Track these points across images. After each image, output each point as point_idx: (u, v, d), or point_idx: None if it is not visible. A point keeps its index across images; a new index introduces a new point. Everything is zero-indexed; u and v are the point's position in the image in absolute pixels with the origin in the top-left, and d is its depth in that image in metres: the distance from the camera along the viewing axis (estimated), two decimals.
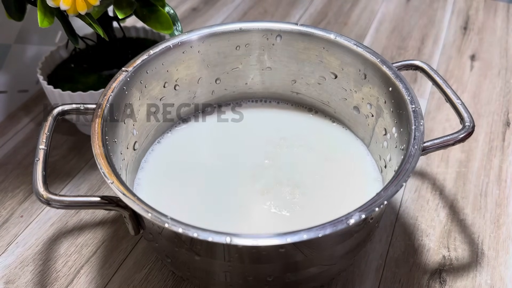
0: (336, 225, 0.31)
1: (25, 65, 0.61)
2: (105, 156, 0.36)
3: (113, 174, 0.34)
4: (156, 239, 0.37)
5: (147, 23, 0.47)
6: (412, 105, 0.39)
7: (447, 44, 0.72)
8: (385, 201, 0.32)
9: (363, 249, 0.42)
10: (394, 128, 0.41)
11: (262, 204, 0.43)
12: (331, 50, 0.46)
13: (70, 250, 0.46)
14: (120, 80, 0.42)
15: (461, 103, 0.40)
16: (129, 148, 0.43)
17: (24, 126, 0.59)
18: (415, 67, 0.45)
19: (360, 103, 0.46)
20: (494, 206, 0.49)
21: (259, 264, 0.35)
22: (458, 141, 0.38)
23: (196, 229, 0.31)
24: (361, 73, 0.45)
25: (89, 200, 0.35)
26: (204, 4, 0.82)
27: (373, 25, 0.76)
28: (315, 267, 0.36)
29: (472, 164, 0.54)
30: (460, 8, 0.80)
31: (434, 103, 0.62)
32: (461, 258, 0.45)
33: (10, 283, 0.44)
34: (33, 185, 0.34)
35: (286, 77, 0.50)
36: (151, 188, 0.44)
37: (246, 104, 0.52)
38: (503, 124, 0.59)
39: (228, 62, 0.49)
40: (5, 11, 0.47)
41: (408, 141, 0.37)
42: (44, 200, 0.34)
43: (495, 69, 0.67)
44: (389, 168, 0.42)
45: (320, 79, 0.48)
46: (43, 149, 0.37)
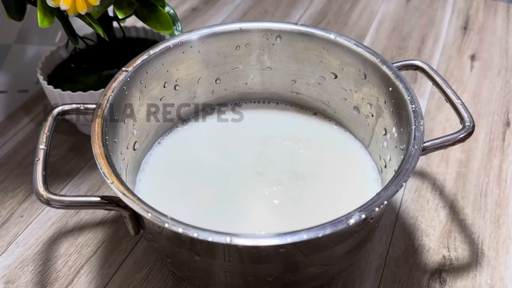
0: (336, 225, 0.31)
1: (25, 65, 0.61)
2: (105, 156, 0.36)
3: (113, 174, 0.34)
4: (156, 239, 0.37)
5: (147, 23, 0.47)
6: (412, 105, 0.39)
7: (447, 44, 0.72)
8: (385, 201, 0.32)
9: (363, 249, 0.42)
10: (394, 128, 0.41)
11: (262, 204, 0.43)
12: (331, 50, 0.46)
13: (70, 250, 0.46)
14: (120, 80, 0.42)
15: (461, 103, 0.40)
16: (129, 148, 0.43)
17: (24, 126, 0.59)
18: (415, 67, 0.45)
19: (360, 103, 0.46)
20: (494, 206, 0.49)
21: (259, 264, 0.35)
22: (458, 141, 0.38)
23: (196, 229, 0.31)
24: (361, 73, 0.45)
25: (89, 200, 0.35)
26: (204, 4, 0.82)
27: (373, 25, 0.76)
28: (315, 267, 0.36)
29: (472, 164, 0.54)
30: (460, 8, 0.80)
31: (434, 103, 0.62)
32: (461, 258, 0.45)
33: (10, 283, 0.44)
34: (33, 185, 0.34)
35: (286, 77, 0.50)
36: (151, 188, 0.44)
37: (246, 104, 0.52)
38: (503, 124, 0.59)
39: (228, 62, 0.49)
40: (5, 11, 0.47)
41: (408, 141, 0.37)
42: (44, 200, 0.34)
43: (495, 69, 0.67)
44: (389, 168, 0.42)
45: (320, 79, 0.48)
46: (43, 149, 0.37)
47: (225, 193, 0.44)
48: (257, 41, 0.48)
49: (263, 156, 0.47)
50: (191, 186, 0.44)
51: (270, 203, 0.42)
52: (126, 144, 0.42)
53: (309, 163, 0.46)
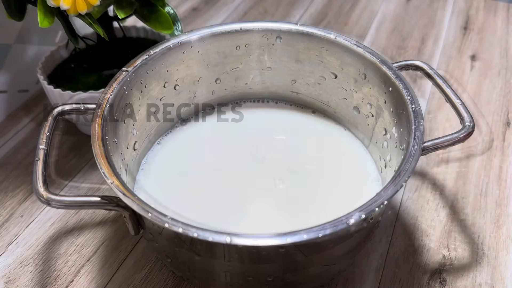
0: (336, 225, 0.31)
1: (25, 65, 0.61)
2: (105, 156, 0.36)
3: (113, 174, 0.34)
4: (156, 239, 0.37)
5: (147, 23, 0.47)
6: (412, 105, 0.39)
7: (447, 44, 0.72)
8: (385, 201, 0.32)
9: (363, 249, 0.42)
10: (394, 128, 0.41)
11: (262, 203, 0.43)
12: (331, 50, 0.46)
13: (70, 250, 0.46)
14: (120, 80, 0.42)
15: (461, 103, 0.40)
16: (129, 148, 0.43)
17: (24, 126, 0.59)
18: (415, 67, 0.45)
19: (360, 103, 0.46)
20: (494, 206, 0.49)
21: (259, 264, 0.35)
22: (458, 141, 0.38)
23: (196, 229, 0.31)
24: (361, 73, 0.45)
25: (89, 200, 0.35)
26: (204, 4, 0.82)
27: (373, 25, 0.76)
28: (315, 267, 0.36)
29: (472, 164, 0.54)
30: (460, 8, 0.80)
31: (434, 103, 0.62)
32: (461, 258, 0.45)
33: (10, 283, 0.44)
34: (33, 185, 0.34)
35: (286, 77, 0.50)
36: (151, 188, 0.44)
37: (246, 104, 0.52)
38: (503, 124, 0.59)
39: (228, 62, 0.49)
40: (5, 11, 0.47)
41: (408, 141, 0.37)
42: (44, 200, 0.34)
43: (495, 69, 0.67)
44: (389, 168, 0.42)
45: (320, 79, 0.48)
46: (43, 149, 0.37)
47: (225, 193, 0.44)
48: (257, 41, 0.48)
49: (263, 156, 0.47)
50: (191, 186, 0.44)
51: (270, 202, 0.42)
52: (126, 144, 0.42)
53: (309, 163, 0.46)
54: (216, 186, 0.44)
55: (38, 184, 0.34)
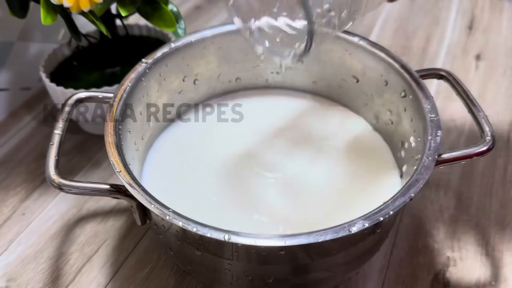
0: (338, 232, 0.30)
1: (27, 63, 0.61)
2: (116, 145, 0.36)
3: (121, 163, 0.34)
4: (161, 231, 0.37)
5: (150, 21, 0.47)
6: (431, 115, 0.38)
7: (452, 43, 0.71)
8: (391, 212, 0.32)
9: (369, 259, 0.40)
10: (412, 137, 0.40)
11: (263, 203, 0.42)
12: (354, 53, 0.45)
13: (72, 248, 0.46)
14: (139, 71, 0.41)
15: (484, 116, 0.38)
16: (144, 139, 0.43)
17: (26, 124, 0.59)
18: (440, 76, 0.42)
19: (380, 109, 0.45)
20: (498, 207, 0.49)
21: (259, 265, 0.34)
22: (477, 154, 0.36)
23: (196, 224, 0.31)
24: (383, 78, 0.44)
25: (99, 187, 0.35)
26: (207, 3, 0.82)
27: (377, 24, 0.76)
28: (317, 273, 0.36)
29: (476, 164, 0.53)
30: (465, 7, 0.79)
31: (439, 103, 0.61)
32: (465, 259, 0.45)
33: (11, 281, 0.44)
34: (45, 170, 0.34)
35: (306, 78, 0.50)
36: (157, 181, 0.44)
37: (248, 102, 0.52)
38: (508, 124, 0.58)
39: (249, 60, 0.49)
40: (8, 8, 0.47)
41: (423, 151, 0.36)
42: (56, 185, 0.34)
43: (501, 69, 0.66)
44: (405, 176, 0.41)
45: (342, 82, 0.48)
46: (59, 134, 0.37)
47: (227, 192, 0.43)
48: None
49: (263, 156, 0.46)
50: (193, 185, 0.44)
51: (272, 202, 0.42)
52: (141, 135, 0.42)
53: (309, 163, 0.45)
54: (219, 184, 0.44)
55: (50, 169, 0.34)
